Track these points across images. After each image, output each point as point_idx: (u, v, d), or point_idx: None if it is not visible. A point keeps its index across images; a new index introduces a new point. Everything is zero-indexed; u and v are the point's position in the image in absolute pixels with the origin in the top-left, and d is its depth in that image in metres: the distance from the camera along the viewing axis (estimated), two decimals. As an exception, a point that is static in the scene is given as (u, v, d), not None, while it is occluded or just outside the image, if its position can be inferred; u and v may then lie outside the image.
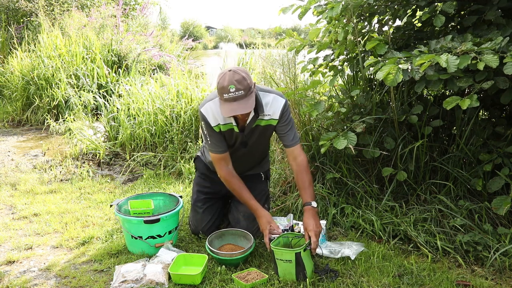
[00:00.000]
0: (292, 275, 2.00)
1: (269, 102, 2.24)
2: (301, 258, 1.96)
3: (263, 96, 2.24)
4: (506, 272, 2.08)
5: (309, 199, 2.22)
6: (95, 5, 9.35)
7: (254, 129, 2.30)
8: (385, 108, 2.73)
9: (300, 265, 1.97)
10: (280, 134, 2.33)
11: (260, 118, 2.25)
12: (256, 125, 2.28)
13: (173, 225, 2.39)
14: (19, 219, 2.90)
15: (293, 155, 2.32)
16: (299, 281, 1.99)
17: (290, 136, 2.30)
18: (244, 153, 2.40)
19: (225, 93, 2.02)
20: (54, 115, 5.86)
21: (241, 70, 2.05)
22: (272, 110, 2.24)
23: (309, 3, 2.73)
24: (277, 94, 2.27)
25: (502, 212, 2.17)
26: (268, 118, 2.26)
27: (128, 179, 3.78)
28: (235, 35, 36.41)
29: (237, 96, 2.01)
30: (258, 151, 2.49)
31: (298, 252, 1.96)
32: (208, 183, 2.59)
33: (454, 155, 2.53)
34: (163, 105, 4.19)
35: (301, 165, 2.28)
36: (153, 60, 7.31)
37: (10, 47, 7.70)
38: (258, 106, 2.21)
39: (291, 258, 1.96)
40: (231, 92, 2.00)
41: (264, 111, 2.23)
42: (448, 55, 1.90)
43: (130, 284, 1.96)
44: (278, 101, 2.24)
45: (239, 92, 2.00)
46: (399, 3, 2.70)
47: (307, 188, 2.25)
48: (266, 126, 2.29)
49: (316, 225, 2.13)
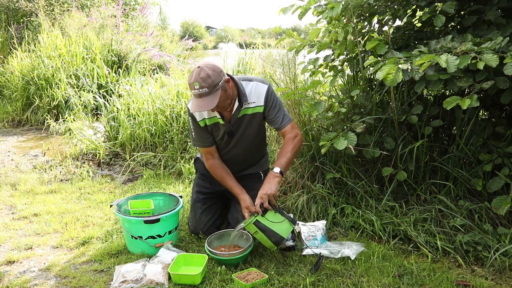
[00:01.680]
0: (268, 241, 2.13)
1: (252, 90, 2.30)
2: (262, 224, 2.10)
3: (245, 85, 2.30)
4: (506, 272, 2.08)
5: (276, 165, 2.27)
6: (95, 5, 9.36)
7: (241, 119, 2.33)
8: (385, 108, 2.73)
9: (267, 230, 2.11)
10: (270, 119, 2.37)
11: (245, 107, 2.31)
12: (243, 115, 2.32)
13: (173, 225, 2.39)
14: (19, 219, 2.91)
15: (285, 133, 2.35)
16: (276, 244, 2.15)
17: (280, 118, 2.34)
18: (237, 146, 2.42)
19: (191, 89, 2.11)
20: (54, 115, 5.86)
21: (209, 67, 2.09)
22: (256, 97, 2.30)
23: (309, 3, 2.73)
24: (259, 81, 2.33)
25: (502, 212, 2.17)
26: (253, 106, 2.31)
27: (128, 179, 3.78)
28: (235, 35, 36.40)
29: (202, 93, 2.08)
30: (252, 144, 2.48)
31: (254, 221, 2.10)
32: (208, 183, 2.59)
33: (454, 155, 2.53)
34: (163, 105, 4.19)
35: (289, 137, 2.33)
36: (153, 60, 7.31)
37: (10, 47, 7.70)
38: (241, 96, 2.27)
39: (255, 229, 2.11)
40: (196, 89, 2.08)
41: (248, 100, 2.29)
42: (448, 55, 1.90)
43: (130, 284, 1.96)
44: (260, 87, 2.30)
45: (203, 90, 2.07)
46: (399, 3, 2.70)
47: (282, 157, 2.29)
48: (253, 114, 2.33)
49: (265, 188, 2.19)
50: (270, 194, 2.17)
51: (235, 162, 2.50)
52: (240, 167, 2.53)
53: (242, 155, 2.49)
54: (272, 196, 2.18)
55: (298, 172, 2.92)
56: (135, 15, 9.81)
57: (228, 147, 2.43)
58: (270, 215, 2.16)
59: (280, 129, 2.36)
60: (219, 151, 2.47)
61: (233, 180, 2.39)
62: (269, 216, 2.15)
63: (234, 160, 2.48)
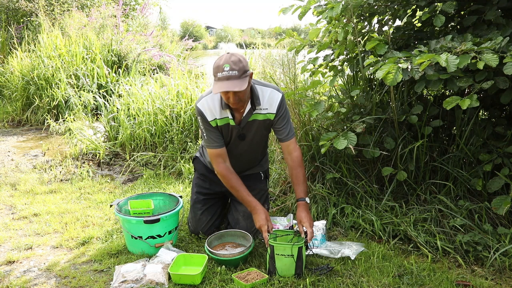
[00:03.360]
0: (291, 270, 2.02)
1: (266, 95, 2.24)
2: (301, 253, 2.01)
3: (260, 90, 2.25)
4: (506, 272, 2.08)
5: (303, 195, 2.26)
6: (95, 5, 9.36)
7: (252, 123, 2.29)
8: (385, 108, 2.73)
9: (300, 260, 2.01)
10: (276, 128, 2.34)
11: (257, 112, 2.25)
12: (253, 120, 2.28)
13: (173, 225, 2.39)
14: (19, 219, 2.91)
15: (288, 149, 2.33)
16: (297, 276, 2.03)
17: (286, 130, 2.31)
18: (244, 149, 2.39)
19: (219, 72, 2.01)
20: (54, 115, 5.86)
21: (239, 54, 2.07)
22: (269, 103, 2.25)
23: (309, 3, 2.73)
24: (274, 88, 2.28)
25: (502, 212, 2.17)
26: (265, 112, 2.26)
27: (128, 179, 3.78)
28: (235, 35, 36.41)
29: (231, 76, 1.99)
30: (259, 147, 2.48)
31: (301, 246, 2.00)
32: (207, 184, 2.59)
33: (454, 155, 2.53)
34: (163, 105, 4.19)
35: (295, 161, 2.31)
36: (153, 60, 7.31)
37: (10, 47, 7.70)
38: (255, 99, 2.22)
39: (293, 252, 1.99)
40: (225, 70, 1.99)
41: (261, 104, 2.23)
42: (448, 55, 1.90)
43: (130, 284, 1.96)
44: (275, 95, 2.25)
45: (233, 72, 1.99)
46: (399, 3, 2.70)
47: (301, 184, 2.28)
48: (264, 120, 2.29)
49: (309, 218, 2.18)
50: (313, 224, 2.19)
51: (239, 164, 2.45)
52: (242, 168, 2.51)
53: (246, 157, 2.47)
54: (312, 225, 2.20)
55: (298, 172, 2.91)
56: (135, 15, 9.81)
57: (234, 150, 2.39)
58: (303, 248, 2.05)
59: (283, 141, 2.33)
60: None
61: (247, 190, 2.28)
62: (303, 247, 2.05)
63: (238, 162, 2.44)
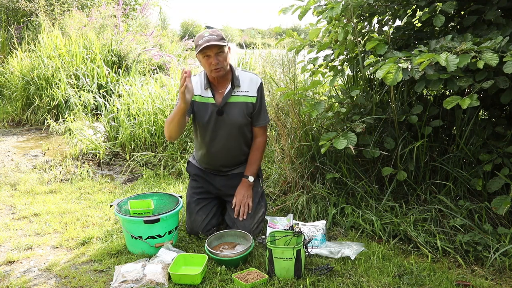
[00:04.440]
0: (290, 272, 2.02)
1: (246, 79, 2.46)
2: (300, 255, 2.01)
3: (240, 73, 2.48)
4: (506, 272, 2.08)
5: (249, 173, 2.52)
6: (95, 5, 9.36)
7: (232, 104, 2.43)
8: (385, 108, 2.73)
9: (299, 262, 2.01)
10: (253, 113, 2.49)
11: (237, 94, 2.43)
12: (234, 101, 2.42)
13: (173, 225, 2.39)
14: (19, 219, 2.91)
15: (255, 133, 2.56)
16: (296, 278, 2.02)
17: (260, 116, 2.50)
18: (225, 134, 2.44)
19: (200, 39, 2.26)
20: (54, 115, 5.86)
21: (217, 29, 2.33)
22: (249, 87, 2.45)
23: (309, 3, 2.73)
24: (254, 74, 2.50)
25: (502, 212, 2.17)
26: (245, 95, 2.44)
27: (128, 179, 3.78)
28: (235, 35, 36.38)
29: (211, 39, 2.24)
30: (240, 133, 2.48)
31: (299, 249, 1.99)
32: (201, 183, 2.61)
33: (454, 155, 2.53)
34: (163, 105, 4.19)
35: (257, 144, 2.56)
36: (153, 60, 7.31)
37: (10, 47, 7.70)
38: (235, 80, 2.43)
39: (291, 255, 1.99)
40: (205, 36, 2.25)
41: (240, 86, 2.43)
42: (448, 54, 1.90)
43: (130, 284, 1.96)
44: (255, 78, 2.48)
45: (213, 36, 2.25)
46: (399, 3, 2.70)
47: (253, 164, 2.54)
48: (244, 102, 2.43)
49: (244, 195, 2.48)
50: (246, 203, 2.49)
51: (224, 152, 2.49)
52: (228, 160, 2.54)
53: (231, 142, 2.48)
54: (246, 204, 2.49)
55: (298, 172, 2.92)
56: (135, 15, 9.82)
57: (216, 130, 2.43)
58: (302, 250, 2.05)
59: (255, 126, 2.53)
60: (208, 140, 2.47)
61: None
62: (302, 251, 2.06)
63: (223, 150, 2.48)
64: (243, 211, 2.46)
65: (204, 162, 2.59)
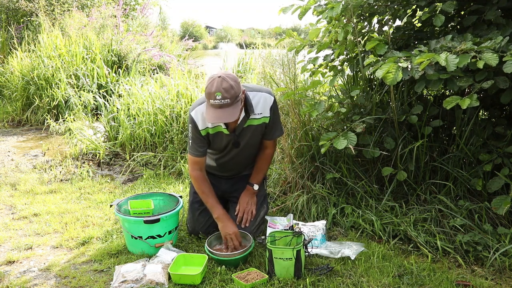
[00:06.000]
0: (290, 272, 2.02)
1: (259, 101, 2.29)
2: (300, 255, 2.01)
3: (253, 96, 2.28)
4: (506, 272, 2.08)
5: (254, 181, 2.49)
6: (95, 5, 9.36)
7: (246, 129, 2.32)
8: (385, 108, 2.73)
9: (299, 262, 2.01)
10: (265, 130, 2.40)
11: (252, 118, 2.30)
12: (248, 125, 2.31)
13: (173, 225, 2.39)
14: (19, 219, 2.91)
15: (265, 145, 2.49)
16: (296, 278, 2.02)
17: (272, 132, 2.41)
18: (237, 153, 2.42)
19: (211, 99, 2.04)
20: (54, 115, 5.86)
21: (230, 78, 2.06)
22: (263, 108, 2.30)
23: (309, 3, 2.73)
24: (266, 92, 2.33)
25: (502, 212, 2.17)
26: (260, 117, 2.31)
27: (128, 179, 3.78)
28: (235, 35, 36.42)
29: (223, 104, 2.03)
30: (253, 150, 2.49)
31: (299, 249, 1.99)
32: None
33: (454, 155, 2.52)
34: (163, 105, 4.19)
35: (265, 155, 2.50)
36: (153, 60, 7.31)
37: (10, 47, 7.70)
38: (248, 107, 2.26)
39: (291, 256, 1.99)
40: (217, 99, 2.02)
41: (255, 111, 2.27)
42: (448, 54, 1.90)
43: (130, 284, 1.96)
44: (268, 98, 2.31)
45: (225, 100, 2.02)
46: (399, 3, 2.70)
47: (259, 173, 2.50)
48: (260, 124, 2.33)
49: (248, 202, 2.45)
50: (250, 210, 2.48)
51: (235, 167, 2.52)
52: (238, 170, 2.57)
53: (243, 160, 2.50)
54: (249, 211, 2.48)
55: (298, 172, 2.92)
56: (135, 15, 9.82)
57: (230, 155, 2.43)
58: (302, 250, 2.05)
59: (266, 139, 2.44)
60: (219, 158, 2.47)
61: (215, 199, 2.36)
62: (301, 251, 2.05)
63: (234, 165, 2.51)
64: (246, 219, 2.43)
65: (211, 169, 2.58)
